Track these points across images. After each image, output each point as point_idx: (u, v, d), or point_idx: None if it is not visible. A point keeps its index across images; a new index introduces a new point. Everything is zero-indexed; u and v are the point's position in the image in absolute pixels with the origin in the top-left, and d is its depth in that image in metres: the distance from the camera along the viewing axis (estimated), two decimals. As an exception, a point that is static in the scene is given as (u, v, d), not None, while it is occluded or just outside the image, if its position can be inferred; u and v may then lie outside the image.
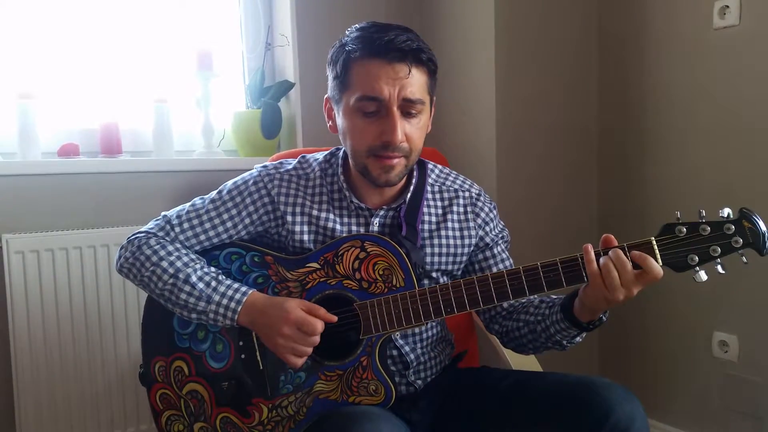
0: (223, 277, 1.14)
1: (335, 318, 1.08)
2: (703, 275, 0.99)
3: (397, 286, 1.10)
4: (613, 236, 1.02)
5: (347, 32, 1.14)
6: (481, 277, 1.07)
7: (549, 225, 2.03)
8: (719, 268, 0.99)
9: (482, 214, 1.25)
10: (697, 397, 1.88)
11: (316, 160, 1.24)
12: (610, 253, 0.99)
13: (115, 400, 1.73)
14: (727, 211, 0.99)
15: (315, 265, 1.13)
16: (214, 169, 1.88)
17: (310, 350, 1.07)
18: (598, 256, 1.01)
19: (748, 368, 1.75)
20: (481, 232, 1.25)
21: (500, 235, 1.28)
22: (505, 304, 1.24)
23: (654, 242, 0.99)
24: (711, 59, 1.76)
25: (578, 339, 1.14)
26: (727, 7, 1.70)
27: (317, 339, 1.07)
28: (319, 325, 1.06)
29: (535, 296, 1.22)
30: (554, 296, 1.18)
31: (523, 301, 1.24)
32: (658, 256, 0.99)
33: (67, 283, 1.65)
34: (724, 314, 1.79)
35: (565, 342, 1.14)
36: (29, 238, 1.61)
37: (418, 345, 1.22)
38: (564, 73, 2.03)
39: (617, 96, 2.04)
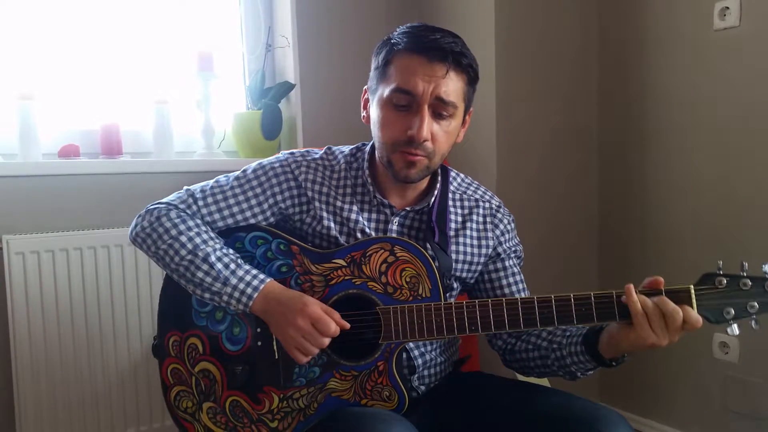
0: (242, 261, 1.12)
1: (348, 325, 1.06)
2: (735, 329, 0.98)
3: (423, 295, 1.08)
4: (661, 279, 1.00)
5: (397, 29, 1.14)
6: (510, 299, 1.04)
7: (549, 226, 2.03)
8: (753, 323, 0.98)
9: (501, 226, 1.25)
10: (698, 398, 1.88)
11: (342, 152, 1.23)
12: (657, 301, 0.97)
13: (115, 401, 1.73)
14: None
15: (341, 262, 1.11)
16: (214, 170, 1.86)
17: (317, 350, 1.05)
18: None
19: (749, 369, 1.75)
20: (495, 242, 1.24)
21: (513, 249, 1.26)
22: None
23: (692, 291, 0.98)
24: (711, 60, 1.76)
25: (591, 372, 1.13)
26: (728, 8, 1.70)
27: (327, 341, 1.05)
28: (333, 327, 1.04)
29: None
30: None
31: None
32: (695, 305, 0.97)
33: (67, 284, 1.65)
34: (724, 315, 1.79)
35: (579, 374, 1.12)
36: (29, 239, 1.61)
37: (428, 349, 1.20)
38: (564, 73, 2.03)
39: (618, 96, 2.04)
